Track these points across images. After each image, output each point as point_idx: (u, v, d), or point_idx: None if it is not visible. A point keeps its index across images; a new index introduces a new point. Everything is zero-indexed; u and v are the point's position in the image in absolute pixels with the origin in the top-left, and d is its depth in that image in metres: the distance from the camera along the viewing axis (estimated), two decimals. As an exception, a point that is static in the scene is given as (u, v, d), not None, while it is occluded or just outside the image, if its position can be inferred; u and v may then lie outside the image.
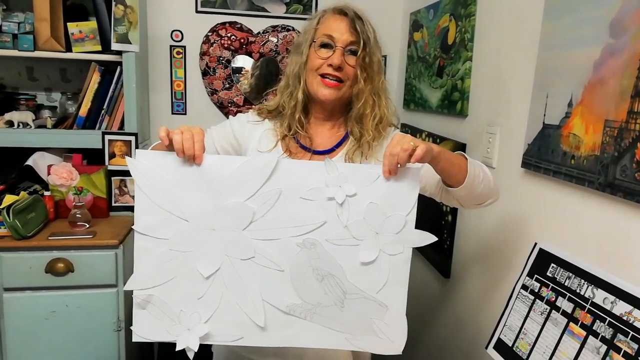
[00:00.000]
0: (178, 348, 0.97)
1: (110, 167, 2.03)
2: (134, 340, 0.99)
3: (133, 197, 1.25)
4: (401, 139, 0.93)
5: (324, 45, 1.13)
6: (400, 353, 1.03)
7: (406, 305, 1.02)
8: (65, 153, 2.08)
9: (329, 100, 1.14)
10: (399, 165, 0.94)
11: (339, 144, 1.20)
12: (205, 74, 2.30)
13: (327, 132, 1.21)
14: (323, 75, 1.13)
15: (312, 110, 1.21)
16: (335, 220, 0.97)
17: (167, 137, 0.94)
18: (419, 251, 1.96)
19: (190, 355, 0.98)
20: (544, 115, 1.18)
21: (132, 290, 0.97)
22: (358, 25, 1.12)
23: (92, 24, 1.95)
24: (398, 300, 1.01)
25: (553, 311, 1.08)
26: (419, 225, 1.18)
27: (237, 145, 1.21)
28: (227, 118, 1.33)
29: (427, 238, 0.99)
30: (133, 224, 0.96)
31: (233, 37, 2.28)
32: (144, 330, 0.98)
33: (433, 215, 1.83)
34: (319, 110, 1.20)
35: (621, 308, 0.92)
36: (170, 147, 0.94)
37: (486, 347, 1.24)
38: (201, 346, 0.99)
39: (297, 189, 0.96)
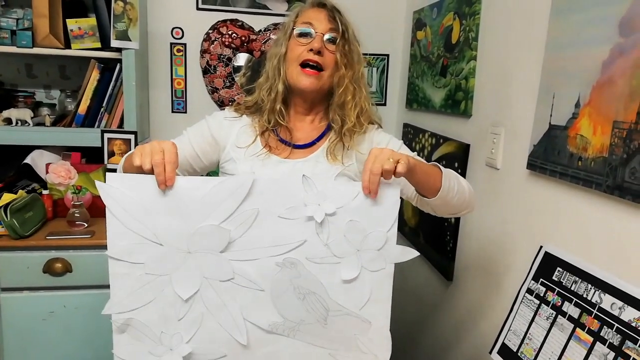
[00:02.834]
0: None
1: (109, 166, 2.00)
2: None
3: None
4: (379, 155, 0.91)
5: (303, 34, 1.14)
6: None
7: (393, 315, 1.00)
8: (64, 151, 2.05)
9: (309, 90, 1.14)
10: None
11: (319, 138, 1.19)
12: (205, 72, 2.28)
13: (307, 126, 1.21)
14: (303, 65, 1.13)
15: (292, 104, 1.21)
16: (315, 239, 0.95)
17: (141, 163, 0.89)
18: (422, 253, 1.94)
19: None
20: (550, 115, 1.16)
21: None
22: (337, 15, 1.14)
23: (92, 20, 1.93)
24: (381, 316, 0.99)
25: (559, 316, 1.05)
26: (422, 227, 1.16)
27: (215, 144, 1.19)
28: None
29: (409, 253, 0.98)
30: None
31: (234, 34, 2.26)
32: (126, 353, 0.97)
33: (436, 217, 1.81)
34: (299, 103, 1.20)
35: (630, 314, 0.90)
36: (141, 169, 0.90)
37: (490, 352, 1.22)
38: None
39: (275, 208, 0.93)
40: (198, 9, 2.23)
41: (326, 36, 1.13)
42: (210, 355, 0.97)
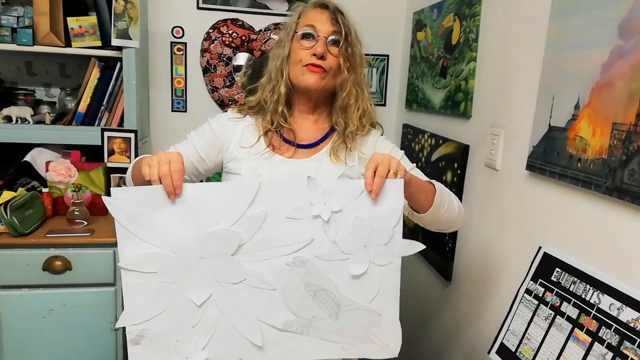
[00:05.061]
0: None
1: (109, 164, 2.01)
2: None
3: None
4: (383, 160, 0.94)
5: (306, 36, 1.14)
6: (396, 356, 1.03)
7: (399, 310, 1.03)
8: (64, 149, 2.05)
9: (314, 88, 1.14)
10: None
11: (323, 138, 1.20)
12: (206, 71, 2.28)
13: (311, 126, 1.21)
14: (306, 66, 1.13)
15: (295, 103, 1.21)
16: (322, 237, 0.96)
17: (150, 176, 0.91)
18: (421, 254, 1.94)
19: None
20: (550, 117, 1.17)
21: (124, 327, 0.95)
22: (339, 17, 1.14)
23: (92, 18, 1.93)
24: (391, 307, 1.02)
25: (557, 316, 1.06)
26: (422, 228, 1.17)
27: (220, 145, 1.20)
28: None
29: (416, 247, 1.01)
30: None
31: (234, 34, 2.26)
32: None
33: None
34: (303, 103, 1.20)
35: (628, 315, 0.91)
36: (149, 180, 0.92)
37: (489, 352, 1.23)
38: None
39: (282, 208, 0.95)
40: (198, 8, 2.23)
41: (329, 39, 1.13)
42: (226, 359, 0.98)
